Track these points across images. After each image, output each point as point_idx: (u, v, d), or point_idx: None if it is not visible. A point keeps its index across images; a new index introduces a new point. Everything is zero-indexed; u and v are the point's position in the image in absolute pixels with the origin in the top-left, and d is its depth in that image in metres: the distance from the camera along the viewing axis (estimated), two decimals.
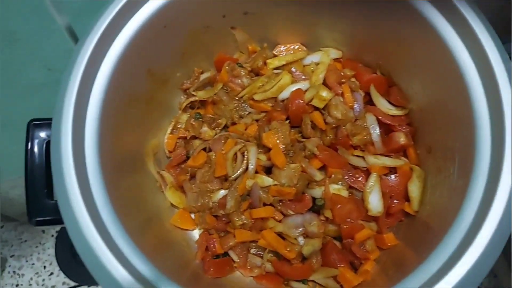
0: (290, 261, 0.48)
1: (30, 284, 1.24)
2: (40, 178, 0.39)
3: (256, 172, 0.49)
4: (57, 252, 1.27)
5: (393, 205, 0.48)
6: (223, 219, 0.49)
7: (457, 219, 0.37)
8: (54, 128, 0.38)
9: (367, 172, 0.49)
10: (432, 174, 0.46)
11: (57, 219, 0.39)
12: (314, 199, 0.48)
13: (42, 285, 1.24)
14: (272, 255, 0.49)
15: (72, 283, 1.25)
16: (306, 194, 0.48)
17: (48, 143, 0.42)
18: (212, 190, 0.50)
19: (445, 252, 0.35)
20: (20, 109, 0.82)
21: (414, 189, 0.47)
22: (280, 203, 0.48)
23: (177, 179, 0.52)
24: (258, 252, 0.50)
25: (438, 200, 0.44)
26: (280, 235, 0.48)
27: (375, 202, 0.47)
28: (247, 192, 0.48)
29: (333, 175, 0.48)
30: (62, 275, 1.26)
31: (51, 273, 1.26)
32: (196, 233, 0.52)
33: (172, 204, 0.51)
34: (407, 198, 0.48)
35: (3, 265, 1.27)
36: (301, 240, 0.48)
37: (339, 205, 0.47)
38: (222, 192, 0.50)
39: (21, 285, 1.24)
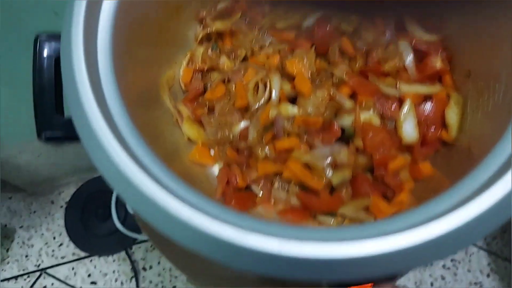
0: (317, 193, 0.44)
1: (40, 255, 1.22)
2: (49, 93, 0.36)
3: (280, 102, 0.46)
4: (67, 223, 1.25)
5: (429, 133, 0.44)
6: (245, 152, 0.46)
7: (503, 137, 0.33)
8: (64, 39, 0.35)
9: (400, 101, 0.46)
10: (472, 98, 0.43)
11: (69, 136, 0.36)
12: (343, 129, 0.45)
13: (52, 255, 1.23)
14: (297, 188, 0.46)
15: (83, 254, 1.24)
16: (335, 124, 0.45)
17: (56, 60, 0.38)
18: (232, 123, 0.47)
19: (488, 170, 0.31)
20: (24, 63, 0.78)
21: (452, 116, 0.44)
22: (306, 134, 0.45)
23: (195, 114, 0.48)
24: (283, 186, 0.46)
25: (480, 124, 0.41)
26: (307, 166, 0.45)
27: (409, 130, 0.44)
28: (270, 123, 0.45)
29: (363, 103, 0.45)
30: (72, 245, 1.24)
31: (61, 244, 1.24)
32: (216, 170, 0.48)
33: (189, 140, 0.48)
34: (444, 125, 0.44)
35: (11, 235, 1.25)
36: (329, 172, 0.44)
37: (371, 134, 0.43)
38: (243, 124, 0.46)
39: (31, 255, 1.22)
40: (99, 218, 1.20)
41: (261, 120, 0.45)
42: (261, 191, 0.46)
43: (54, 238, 1.23)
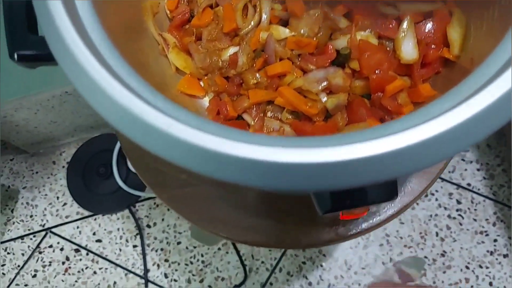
0: (311, 120, 0.42)
1: (45, 215, 1.23)
2: (19, 11, 0.34)
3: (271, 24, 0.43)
4: (69, 182, 1.25)
5: (430, 52, 0.41)
6: (235, 80, 0.44)
7: (503, 40, 0.30)
8: None
9: (399, 21, 0.43)
10: (476, 12, 0.40)
11: (43, 56, 0.33)
12: (338, 52, 0.42)
13: (57, 215, 1.23)
14: (291, 116, 0.43)
15: (87, 213, 1.24)
16: (329, 46, 0.42)
17: None
18: (221, 49, 0.44)
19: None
20: None
21: (454, 33, 0.41)
22: (300, 59, 0.42)
23: (181, 42, 0.46)
24: (276, 115, 0.44)
25: (484, 39, 0.38)
26: (300, 93, 0.43)
27: (408, 49, 0.41)
28: (261, 47, 0.42)
29: (360, 22, 0.42)
30: (75, 205, 1.24)
31: (65, 203, 1.24)
32: (206, 102, 0.46)
33: (177, 71, 0.46)
34: (446, 44, 0.42)
35: (15, 196, 1.25)
36: (323, 97, 0.42)
37: (368, 53, 0.41)
38: (233, 49, 0.44)
39: (35, 215, 1.23)
40: (101, 177, 1.20)
41: (251, 44, 0.42)
42: (253, 120, 0.43)
43: (58, 198, 1.23)
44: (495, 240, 1.08)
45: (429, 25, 0.42)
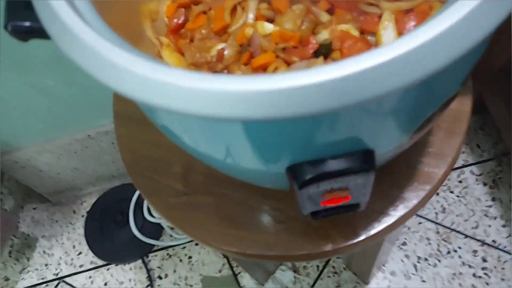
0: None
1: (59, 264, 1.23)
2: None
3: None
4: (86, 231, 1.26)
5: None
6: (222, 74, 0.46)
7: None
8: None
9: (380, 17, 0.44)
10: None
11: (36, 29, 0.36)
12: (321, 45, 0.44)
13: (71, 264, 1.23)
14: None
15: (100, 262, 1.23)
16: (311, 39, 0.44)
17: None
18: (211, 46, 0.46)
19: None
20: (35, 48, 0.82)
21: None
22: (284, 52, 0.44)
23: (176, 45, 0.49)
24: None
25: None
26: None
27: (389, 40, 0.42)
28: (248, 42, 0.45)
29: (341, 16, 0.44)
30: (90, 254, 1.24)
31: (80, 253, 1.24)
32: None
33: None
34: None
35: (33, 245, 1.27)
36: None
37: (349, 42, 0.42)
38: (221, 45, 0.46)
39: (50, 264, 1.23)
40: (117, 225, 1.20)
41: (237, 39, 0.44)
42: None
43: (74, 246, 1.24)
44: None
45: (409, 21, 0.43)
